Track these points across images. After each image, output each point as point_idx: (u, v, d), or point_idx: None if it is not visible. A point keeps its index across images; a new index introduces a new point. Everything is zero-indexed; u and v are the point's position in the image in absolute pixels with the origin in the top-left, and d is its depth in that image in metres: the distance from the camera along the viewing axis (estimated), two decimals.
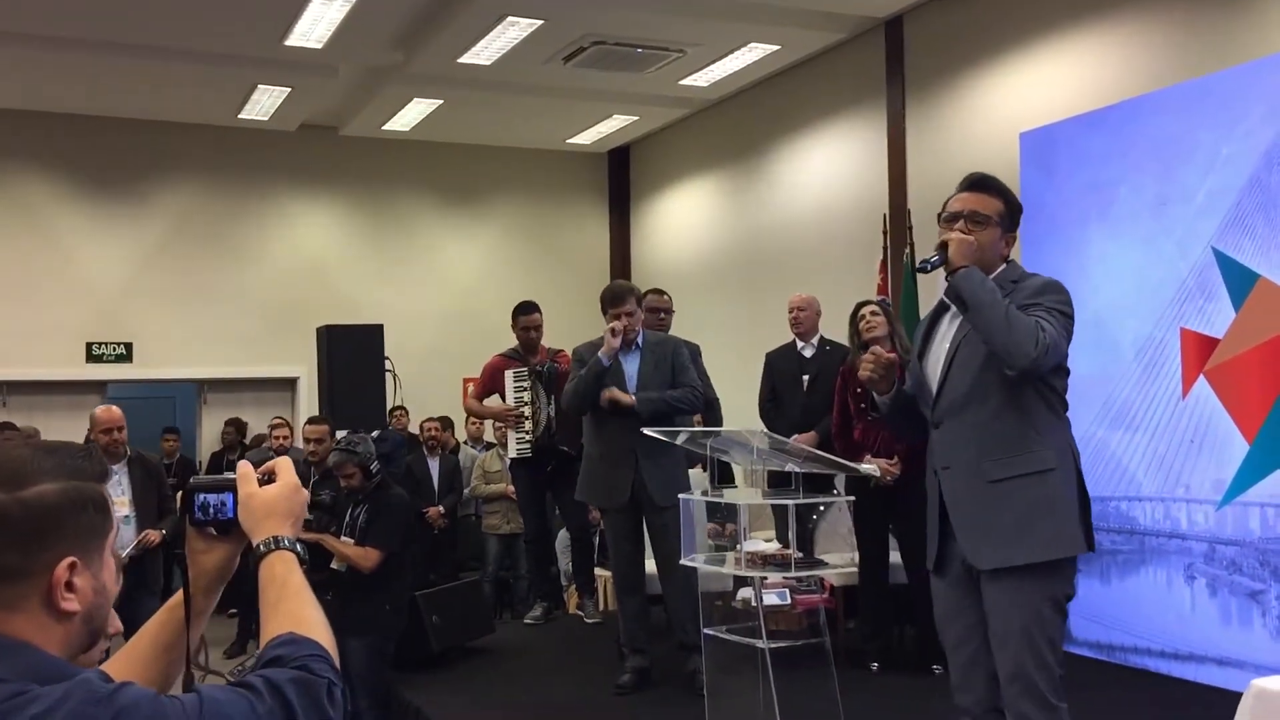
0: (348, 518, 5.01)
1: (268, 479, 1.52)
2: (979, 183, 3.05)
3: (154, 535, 5.69)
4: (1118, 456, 5.44)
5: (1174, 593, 5.16)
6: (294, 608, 1.38)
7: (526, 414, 6.20)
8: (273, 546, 1.45)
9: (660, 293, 6.34)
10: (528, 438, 6.22)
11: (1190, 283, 5.14)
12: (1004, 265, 3.01)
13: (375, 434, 5.84)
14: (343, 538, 4.97)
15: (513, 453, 6.37)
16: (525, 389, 6.25)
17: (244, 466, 1.54)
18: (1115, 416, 5.45)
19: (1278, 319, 4.75)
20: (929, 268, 2.98)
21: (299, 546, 1.47)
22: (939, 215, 3.08)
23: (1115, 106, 5.78)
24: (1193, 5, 6.08)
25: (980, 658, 2.90)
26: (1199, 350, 5.09)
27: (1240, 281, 4.92)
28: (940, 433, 2.97)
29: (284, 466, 1.54)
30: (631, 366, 5.06)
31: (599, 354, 4.99)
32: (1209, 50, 5.89)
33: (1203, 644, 5.02)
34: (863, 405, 5.22)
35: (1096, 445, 5.52)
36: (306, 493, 1.54)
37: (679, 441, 4.28)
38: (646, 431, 4.05)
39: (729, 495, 3.62)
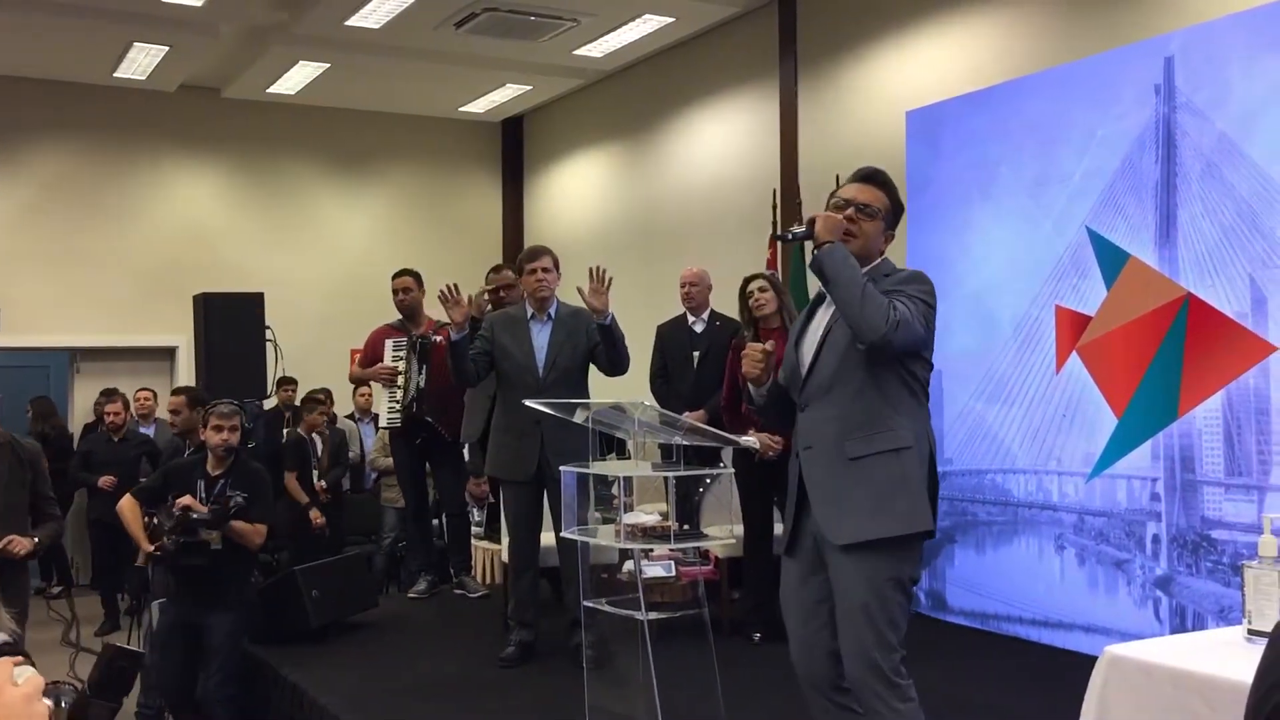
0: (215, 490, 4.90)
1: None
2: (871, 176, 3.11)
3: (21, 544, 4.54)
4: (994, 430, 5.58)
5: (1045, 562, 5.32)
6: None
7: (400, 383, 6.14)
8: None
9: (500, 269, 6.32)
10: (397, 406, 6.17)
11: (1065, 261, 5.28)
12: (880, 259, 3.08)
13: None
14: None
15: (383, 421, 6.35)
16: (401, 358, 6.19)
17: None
18: (993, 391, 5.59)
19: (1146, 298, 4.91)
20: (790, 238, 3.08)
21: None
22: (828, 200, 3.13)
23: (997, 87, 5.89)
24: None
25: (820, 637, 2.98)
26: (1072, 327, 5.24)
27: (1112, 261, 5.07)
28: (806, 414, 3.04)
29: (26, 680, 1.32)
30: (542, 336, 4.95)
31: (449, 327, 4.84)
32: (1087, 34, 6.04)
33: (1071, 612, 5.19)
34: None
35: (974, 419, 5.66)
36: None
37: (575, 417, 4.23)
38: (529, 404, 4.00)
39: (610, 468, 3.60)
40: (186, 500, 4.73)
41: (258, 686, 5.17)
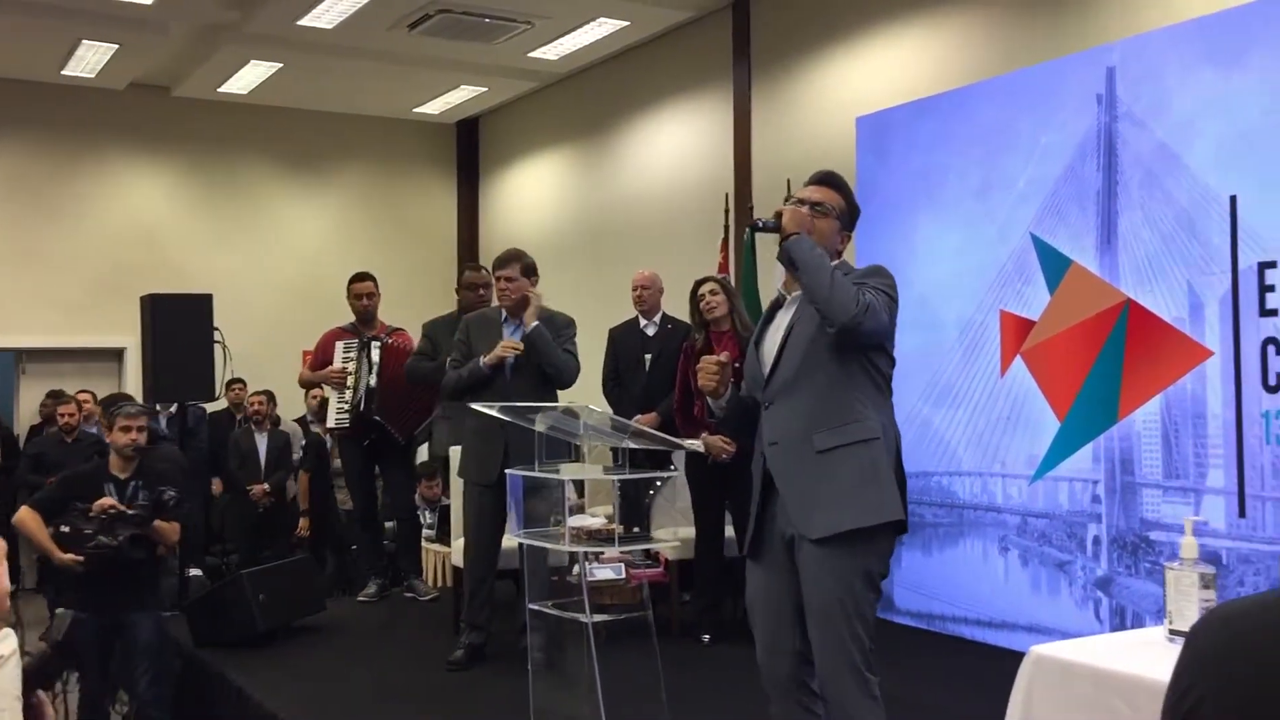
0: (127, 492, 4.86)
1: None
2: (825, 178, 3.17)
3: None
4: (940, 433, 5.64)
5: (989, 563, 5.39)
6: None
7: (350, 384, 6.12)
8: None
9: (478, 269, 6.32)
10: (346, 407, 6.14)
11: (1009, 267, 5.35)
12: (837, 260, 3.09)
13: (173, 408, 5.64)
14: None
15: (331, 423, 6.31)
16: (351, 359, 6.16)
17: None
18: (939, 394, 5.65)
19: (1088, 303, 4.99)
20: (760, 226, 3.09)
21: None
22: (785, 201, 3.18)
23: (945, 95, 5.97)
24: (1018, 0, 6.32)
25: (786, 637, 2.99)
26: (1016, 331, 5.31)
27: (1055, 266, 5.15)
28: (771, 411, 3.03)
29: None
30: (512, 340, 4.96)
31: (482, 361, 4.88)
32: (1031, 43, 6.13)
33: (1014, 612, 5.26)
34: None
35: (921, 422, 5.72)
36: None
37: (524, 421, 4.23)
38: (478, 407, 4.01)
39: (554, 471, 3.61)
40: (109, 501, 4.68)
41: (203, 691, 5.13)
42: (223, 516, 8.37)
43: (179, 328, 6.24)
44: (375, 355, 6.13)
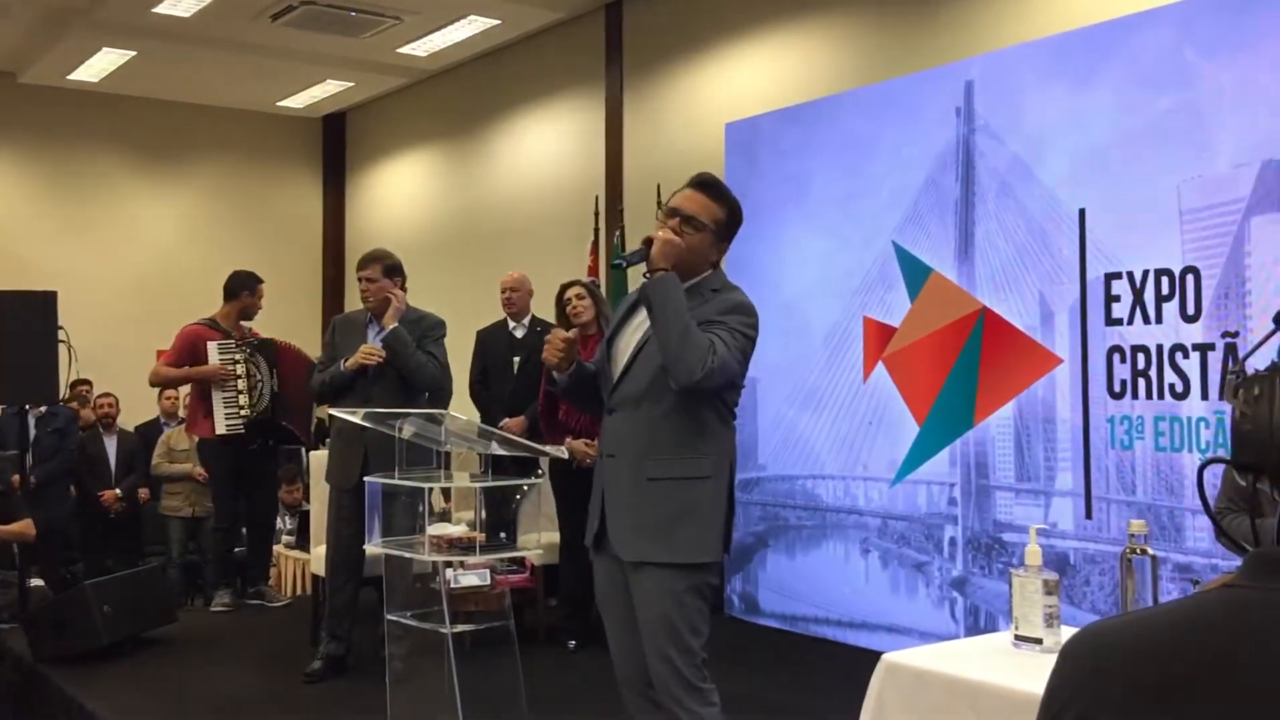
0: None
1: None
2: (709, 185, 3.02)
3: None
4: (805, 437, 5.72)
5: (851, 565, 5.49)
6: None
7: (241, 387, 5.91)
8: None
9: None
10: (245, 411, 5.92)
11: (873, 274, 5.45)
12: (709, 271, 3.02)
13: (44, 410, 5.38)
14: None
15: (221, 428, 5.99)
16: (236, 362, 5.95)
17: None
18: (804, 398, 5.73)
19: (946, 310, 5.12)
20: (627, 262, 2.96)
21: None
22: (659, 204, 3.09)
23: (811, 103, 6.06)
24: (883, 12, 6.46)
25: (635, 634, 2.96)
26: (879, 337, 5.42)
27: (915, 274, 5.27)
28: (613, 420, 2.99)
29: None
30: (375, 343, 4.84)
31: (343, 364, 4.78)
32: (895, 56, 6.26)
33: (875, 613, 5.36)
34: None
35: (787, 426, 5.80)
36: None
37: (383, 426, 4.13)
38: (335, 412, 3.90)
39: (413, 478, 3.54)
40: None
41: (42, 709, 4.88)
42: (70, 523, 7.98)
43: (19, 326, 5.91)
44: (268, 359, 5.95)
